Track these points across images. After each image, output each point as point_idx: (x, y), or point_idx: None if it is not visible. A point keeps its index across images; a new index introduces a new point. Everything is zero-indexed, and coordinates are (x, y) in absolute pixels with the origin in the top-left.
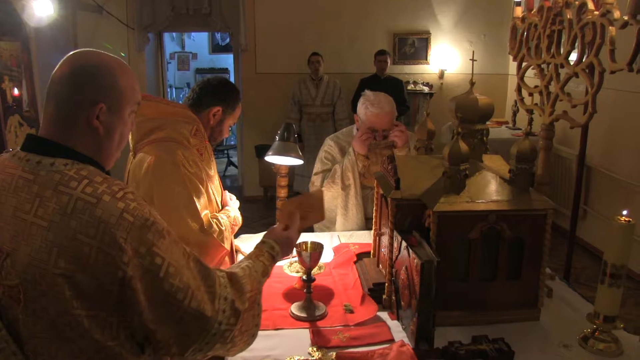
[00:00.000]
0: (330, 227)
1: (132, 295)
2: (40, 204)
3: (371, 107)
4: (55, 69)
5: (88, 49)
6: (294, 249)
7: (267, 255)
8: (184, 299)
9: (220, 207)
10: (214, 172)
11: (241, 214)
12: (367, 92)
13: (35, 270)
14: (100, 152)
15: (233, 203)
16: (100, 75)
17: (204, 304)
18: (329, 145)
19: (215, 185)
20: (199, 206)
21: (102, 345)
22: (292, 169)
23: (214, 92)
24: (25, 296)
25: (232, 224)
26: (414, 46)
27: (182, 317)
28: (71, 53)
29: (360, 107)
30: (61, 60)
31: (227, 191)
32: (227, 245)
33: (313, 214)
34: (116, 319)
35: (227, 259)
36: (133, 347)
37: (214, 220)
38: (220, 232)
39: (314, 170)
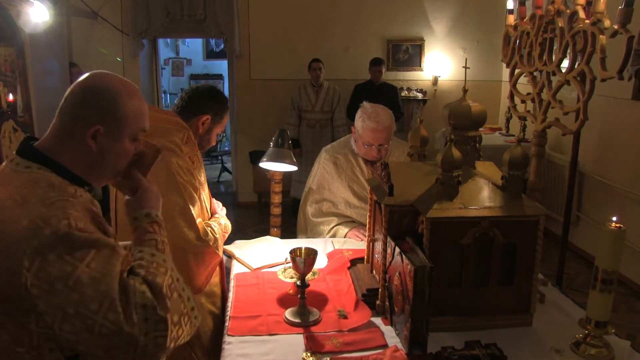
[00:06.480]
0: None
1: (38, 303)
2: None
3: (368, 121)
4: (70, 86)
5: (106, 71)
6: (288, 255)
7: (150, 227)
8: (98, 310)
9: (210, 215)
10: (204, 180)
11: (235, 219)
12: (365, 104)
13: None
14: (92, 170)
15: (221, 210)
16: (103, 98)
17: (119, 315)
18: (323, 164)
19: (205, 193)
20: (194, 214)
21: (21, 358)
22: (288, 175)
23: (203, 100)
24: None
25: (223, 232)
26: (408, 53)
27: (100, 330)
28: (89, 73)
29: (358, 119)
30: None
31: (214, 198)
32: (220, 253)
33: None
34: (35, 329)
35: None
36: None
37: (209, 228)
38: (215, 240)
39: (307, 187)
